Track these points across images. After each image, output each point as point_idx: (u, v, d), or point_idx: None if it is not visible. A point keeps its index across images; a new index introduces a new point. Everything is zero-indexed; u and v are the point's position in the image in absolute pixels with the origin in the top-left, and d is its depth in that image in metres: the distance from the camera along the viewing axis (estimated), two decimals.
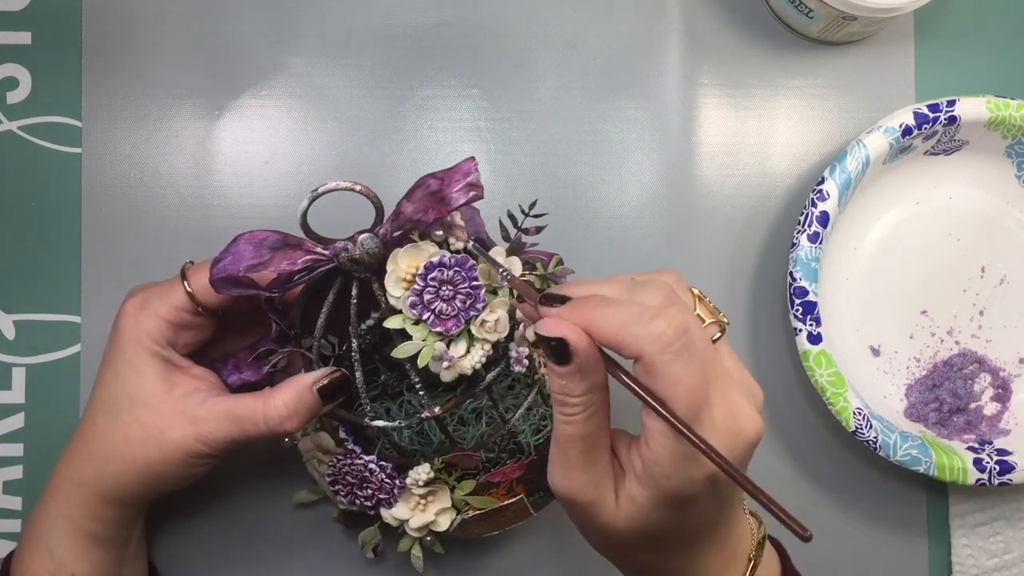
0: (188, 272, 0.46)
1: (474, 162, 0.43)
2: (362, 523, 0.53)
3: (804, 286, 0.53)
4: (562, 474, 0.38)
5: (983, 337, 0.58)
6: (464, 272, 0.42)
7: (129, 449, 0.45)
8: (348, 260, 0.42)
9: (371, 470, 0.47)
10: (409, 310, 0.42)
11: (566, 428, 0.37)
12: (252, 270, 0.42)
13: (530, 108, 0.58)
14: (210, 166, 0.58)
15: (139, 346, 0.45)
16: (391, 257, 0.42)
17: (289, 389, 0.45)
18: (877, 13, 0.53)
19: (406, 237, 0.43)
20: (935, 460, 0.53)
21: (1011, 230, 0.58)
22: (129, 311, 0.45)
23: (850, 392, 0.53)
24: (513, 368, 0.45)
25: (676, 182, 0.58)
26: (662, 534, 0.38)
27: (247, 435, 0.45)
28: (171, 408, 0.45)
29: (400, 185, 0.58)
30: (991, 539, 0.57)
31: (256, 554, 0.56)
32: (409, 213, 0.42)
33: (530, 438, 0.52)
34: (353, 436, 0.48)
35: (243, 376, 0.48)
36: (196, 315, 0.46)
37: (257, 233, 0.42)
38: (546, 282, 0.50)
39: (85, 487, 0.46)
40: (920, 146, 0.56)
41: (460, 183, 0.43)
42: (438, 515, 0.49)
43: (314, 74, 0.58)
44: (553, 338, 0.35)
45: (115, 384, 0.45)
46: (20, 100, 0.57)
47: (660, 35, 0.59)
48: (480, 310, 0.43)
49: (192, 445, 0.45)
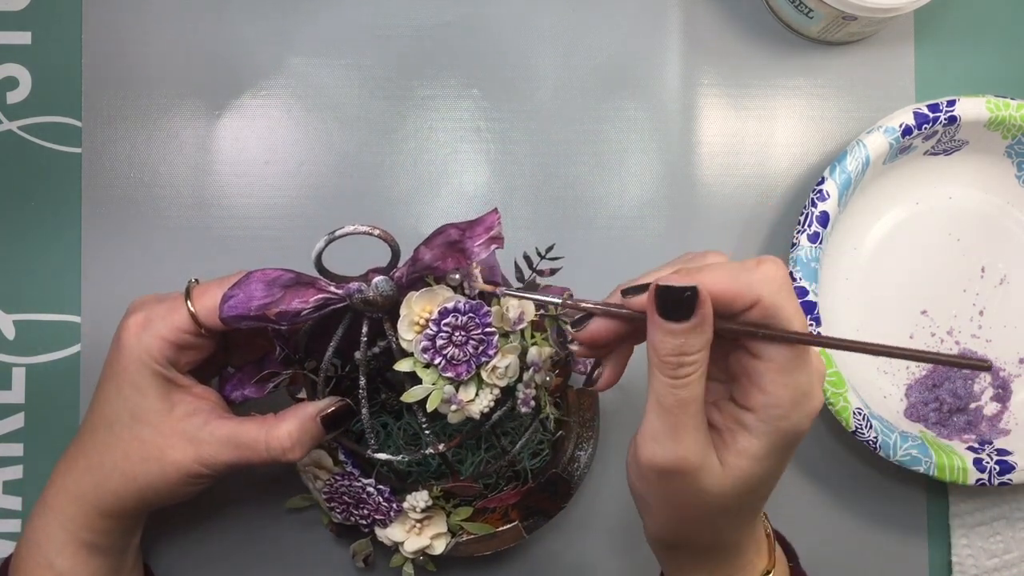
0: (193, 293, 0.45)
1: (498, 215, 0.42)
2: (353, 533, 0.53)
3: (804, 286, 0.53)
4: (672, 444, 0.37)
5: (983, 337, 0.58)
6: (478, 318, 0.42)
7: (128, 466, 0.45)
8: (361, 301, 0.41)
9: (368, 492, 0.47)
10: (421, 355, 0.42)
11: (680, 392, 0.37)
12: (263, 309, 0.41)
13: (530, 108, 0.58)
14: (210, 166, 0.58)
15: (141, 365, 0.44)
16: (405, 301, 0.42)
17: (293, 419, 0.45)
18: (877, 13, 0.53)
19: (421, 279, 0.43)
20: (935, 460, 0.53)
21: (1011, 230, 0.58)
22: (132, 328, 0.45)
23: (850, 392, 0.53)
24: (520, 410, 0.45)
25: (676, 182, 0.58)
26: (764, 487, 0.39)
27: (248, 461, 0.45)
28: (172, 428, 0.45)
29: (400, 185, 0.58)
30: (991, 539, 0.57)
31: (247, 557, 0.56)
32: (427, 260, 0.42)
33: (527, 463, 0.52)
34: (352, 459, 0.48)
35: (245, 393, 0.48)
36: (199, 336, 0.45)
37: (269, 271, 0.42)
38: (558, 320, 0.49)
39: (84, 500, 0.46)
40: (920, 146, 0.56)
41: (482, 237, 0.42)
42: (433, 539, 0.49)
43: (314, 74, 0.58)
44: (684, 288, 0.36)
45: (117, 401, 0.45)
46: (20, 100, 0.57)
47: (660, 35, 0.59)
48: (491, 356, 0.42)
49: (191, 466, 0.44)
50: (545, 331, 0.48)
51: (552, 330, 0.49)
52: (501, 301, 0.44)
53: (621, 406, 0.57)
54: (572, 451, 0.52)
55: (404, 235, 0.57)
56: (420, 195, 0.58)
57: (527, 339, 0.45)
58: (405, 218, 0.58)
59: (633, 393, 0.57)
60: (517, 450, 0.48)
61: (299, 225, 0.57)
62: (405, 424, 0.50)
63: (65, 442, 0.47)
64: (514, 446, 0.48)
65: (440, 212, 0.58)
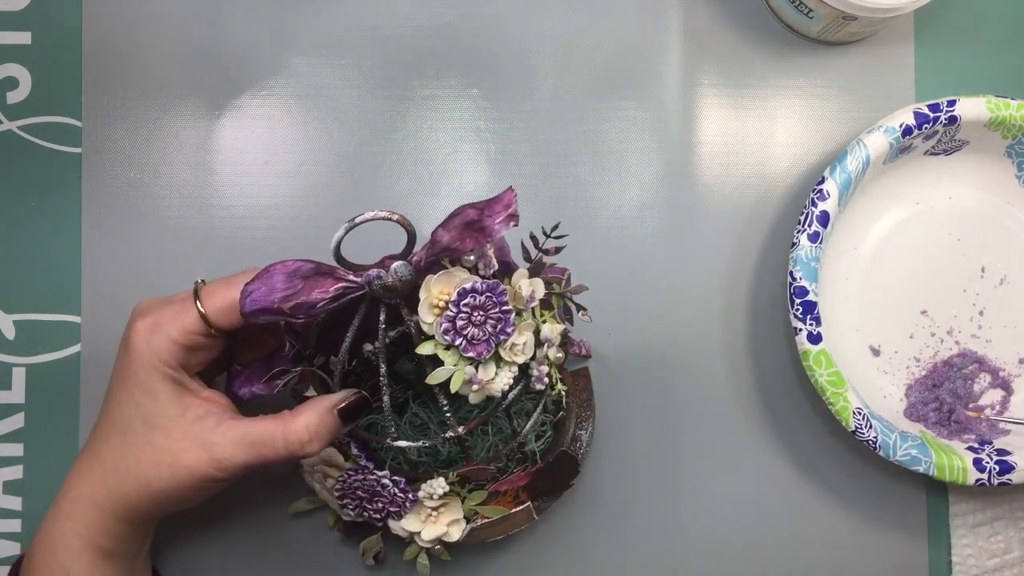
0: (201, 293, 0.45)
1: (514, 193, 0.43)
2: (362, 531, 0.53)
3: (804, 286, 0.53)
4: None
5: (983, 337, 0.58)
6: (495, 297, 0.42)
7: (142, 471, 0.45)
8: (381, 288, 0.42)
9: (383, 485, 0.47)
10: (442, 336, 0.42)
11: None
12: (285, 301, 0.41)
13: (530, 108, 0.58)
14: (210, 166, 0.58)
15: (152, 369, 0.44)
16: (424, 284, 0.42)
17: (311, 412, 0.45)
18: (877, 13, 0.53)
19: (436, 263, 0.43)
20: (935, 460, 0.53)
21: (1011, 230, 0.58)
22: (141, 332, 0.45)
23: (850, 392, 0.53)
24: (535, 386, 0.45)
25: (676, 182, 0.58)
26: None
27: (264, 459, 0.45)
28: (184, 433, 0.44)
29: (400, 185, 0.58)
30: (991, 539, 0.57)
31: (254, 559, 0.56)
32: (446, 242, 0.42)
33: (535, 445, 0.52)
34: (366, 452, 0.48)
35: (254, 389, 0.48)
36: (208, 337, 0.45)
37: (290, 263, 0.42)
38: (563, 299, 0.50)
39: (100, 507, 0.45)
40: (920, 146, 0.56)
41: (501, 214, 0.42)
42: (449, 526, 0.49)
43: (314, 74, 0.58)
44: None
45: (128, 406, 0.45)
46: (20, 100, 0.57)
47: (660, 35, 0.59)
48: (510, 334, 0.43)
49: (205, 470, 0.44)
50: (552, 308, 0.48)
51: (559, 307, 0.49)
52: (512, 279, 0.44)
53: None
54: (573, 431, 0.53)
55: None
56: (420, 195, 0.58)
57: (537, 318, 0.45)
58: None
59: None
60: (528, 429, 0.49)
61: (299, 225, 0.57)
62: (411, 416, 0.50)
63: (65, 442, 0.47)
64: (522, 429, 0.49)
65: (440, 212, 0.58)
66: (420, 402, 0.50)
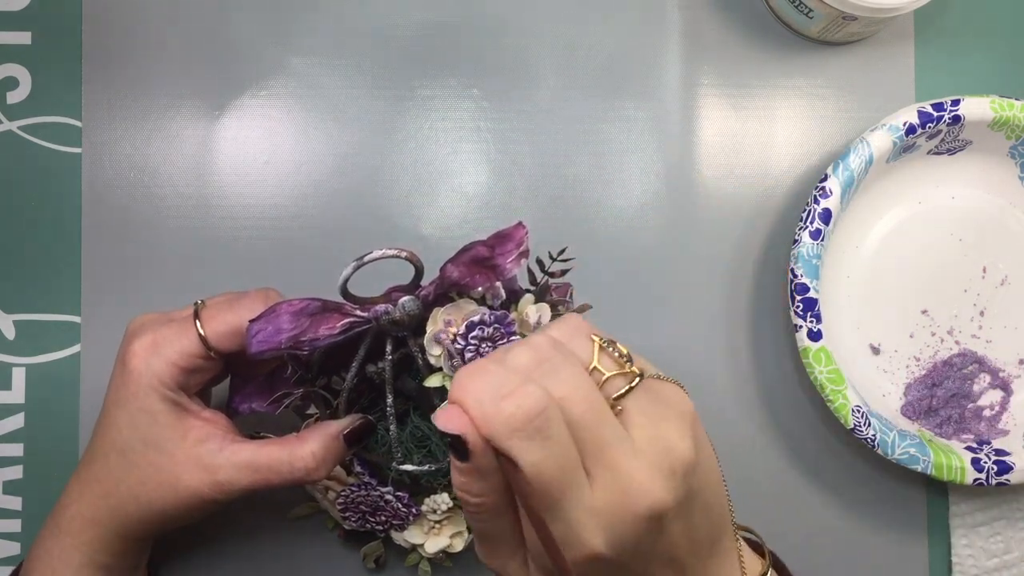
0: (202, 315, 0.45)
1: (525, 229, 0.42)
2: (363, 537, 0.53)
3: (805, 283, 0.53)
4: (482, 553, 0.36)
5: (983, 337, 0.58)
6: (503, 328, 0.42)
7: (144, 492, 0.45)
8: (389, 322, 0.42)
9: (387, 500, 0.47)
10: (450, 369, 0.42)
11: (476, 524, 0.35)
12: (292, 340, 0.41)
13: (530, 108, 0.58)
14: (210, 166, 0.58)
15: (151, 391, 0.44)
16: (432, 317, 0.42)
17: (317, 438, 0.44)
18: (877, 13, 0.53)
19: (445, 295, 0.43)
20: (933, 459, 0.52)
21: (1013, 231, 0.58)
22: (140, 353, 0.44)
23: (849, 389, 0.53)
24: None
25: (676, 182, 0.58)
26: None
27: (268, 483, 0.44)
28: (186, 455, 0.44)
29: (400, 185, 0.58)
30: (991, 539, 0.57)
31: (253, 564, 0.56)
32: (455, 278, 0.41)
33: None
34: (368, 469, 0.48)
35: (254, 406, 0.48)
36: (208, 360, 0.45)
37: (296, 303, 0.42)
38: None
39: (101, 525, 0.45)
40: (923, 145, 0.56)
41: (512, 253, 0.42)
42: (452, 538, 0.49)
43: (314, 74, 0.58)
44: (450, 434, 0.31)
45: (128, 428, 0.45)
46: (20, 100, 0.57)
47: (660, 35, 0.59)
48: None
49: (207, 492, 0.44)
50: None
51: None
52: (519, 306, 0.44)
53: None
54: None
55: (405, 235, 0.57)
56: (420, 195, 0.58)
57: None
58: (405, 218, 0.58)
59: None
60: None
61: (299, 225, 0.57)
62: (413, 428, 0.50)
63: (65, 443, 0.47)
64: None
65: (440, 212, 0.58)
66: (420, 414, 0.50)
